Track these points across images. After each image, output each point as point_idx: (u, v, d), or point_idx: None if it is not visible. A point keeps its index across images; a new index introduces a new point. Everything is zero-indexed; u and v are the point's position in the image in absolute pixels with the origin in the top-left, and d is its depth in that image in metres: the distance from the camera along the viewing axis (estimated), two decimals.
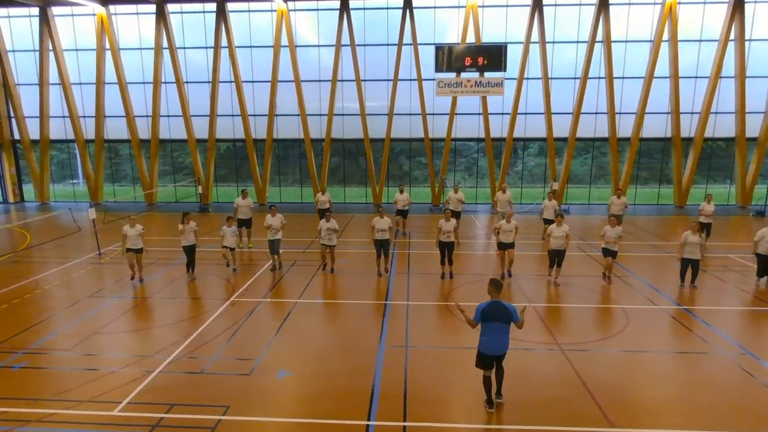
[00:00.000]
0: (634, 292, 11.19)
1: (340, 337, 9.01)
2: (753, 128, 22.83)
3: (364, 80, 23.27)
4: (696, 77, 22.64)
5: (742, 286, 11.66)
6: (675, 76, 22.18)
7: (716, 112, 22.84)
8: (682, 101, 22.59)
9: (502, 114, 23.43)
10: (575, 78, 22.77)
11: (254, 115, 24.07)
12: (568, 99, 23.13)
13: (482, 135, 23.62)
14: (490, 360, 6.40)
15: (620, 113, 23.04)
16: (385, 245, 12.33)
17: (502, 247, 11.99)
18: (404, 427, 6.16)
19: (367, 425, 6.19)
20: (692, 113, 22.93)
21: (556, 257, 11.50)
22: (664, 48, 22.12)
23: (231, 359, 7.99)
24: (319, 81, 23.53)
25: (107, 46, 23.42)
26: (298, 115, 23.70)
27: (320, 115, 23.85)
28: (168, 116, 24.37)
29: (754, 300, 10.74)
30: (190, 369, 7.64)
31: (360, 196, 25.71)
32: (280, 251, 13.23)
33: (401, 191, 16.77)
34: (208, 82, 23.60)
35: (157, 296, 11.15)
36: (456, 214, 16.49)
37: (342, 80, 23.42)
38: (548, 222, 16.06)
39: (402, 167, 26.91)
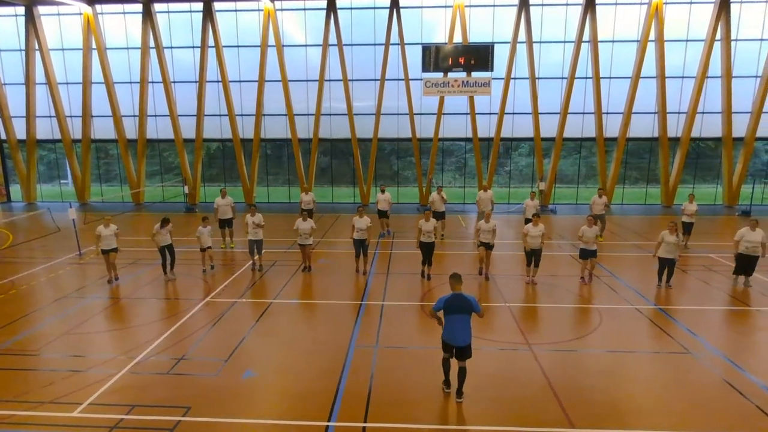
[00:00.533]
0: (611, 292, 11.19)
1: (311, 337, 8.98)
2: (740, 128, 22.88)
3: (352, 80, 23.23)
4: (683, 77, 22.67)
5: (720, 285, 11.67)
6: (661, 76, 22.21)
7: (703, 112, 22.89)
8: (669, 101, 22.62)
9: (490, 114, 23.43)
10: (562, 78, 22.78)
11: (242, 115, 24.01)
12: (555, 99, 23.14)
13: (470, 135, 23.61)
14: (450, 348, 6.68)
15: (607, 113, 23.07)
16: (364, 245, 12.30)
17: (482, 246, 11.96)
18: (363, 427, 6.14)
19: (327, 426, 6.16)
20: (679, 113, 22.97)
21: (533, 257, 11.48)
22: (651, 48, 22.14)
23: (199, 360, 7.95)
24: (307, 81, 23.49)
25: (94, 45, 23.32)
26: (285, 114, 23.64)
27: (308, 114, 23.81)
28: (155, 116, 24.29)
29: (730, 300, 10.75)
30: (156, 370, 7.60)
31: (349, 196, 25.66)
32: (263, 251, 13.20)
33: (382, 191, 16.72)
34: (195, 81, 23.53)
35: (133, 297, 11.09)
36: (440, 215, 16.50)
37: (329, 80, 23.38)
38: (529, 221, 16.09)
39: (393, 167, 26.90)
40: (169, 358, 7.98)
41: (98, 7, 23.21)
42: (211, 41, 23.03)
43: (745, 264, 11.41)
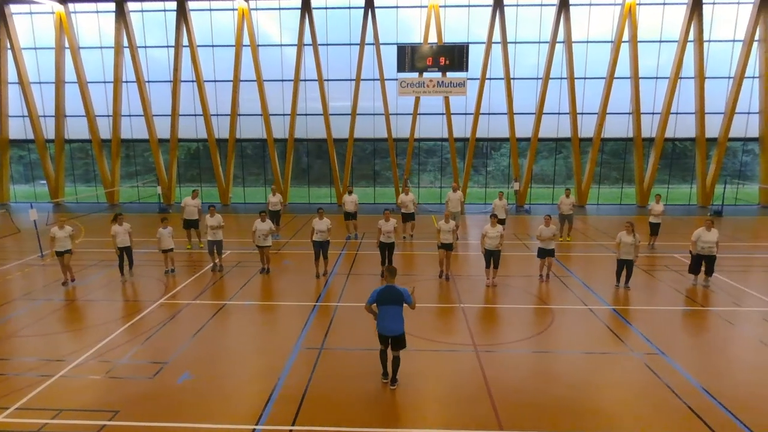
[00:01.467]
0: (568, 293, 11.19)
1: (258, 339, 8.90)
2: (713, 129, 23.06)
3: (327, 80, 23.17)
4: (656, 78, 22.82)
5: (678, 286, 11.70)
6: (635, 77, 22.33)
7: (677, 113, 23.03)
8: (643, 102, 22.75)
9: (465, 114, 23.44)
10: (537, 78, 22.83)
11: (217, 115, 23.86)
12: (531, 99, 23.20)
13: (446, 135, 23.61)
14: (385, 339, 6.94)
15: (582, 113, 23.16)
16: (324, 246, 12.22)
17: (442, 247, 11.91)
18: (290, 430, 6.07)
19: (253, 429, 6.08)
20: (653, 114, 23.10)
21: (491, 258, 11.44)
22: (625, 49, 22.26)
23: (139, 362, 7.84)
24: (282, 81, 23.39)
25: (67, 45, 23.10)
26: (261, 114, 23.53)
27: (284, 115, 23.70)
28: (130, 116, 24.09)
29: (685, 300, 10.77)
30: (92, 373, 7.48)
31: (326, 197, 25.58)
32: (223, 252, 13.10)
33: (349, 192, 16.61)
34: (170, 81, 23.36)
35: (86, 299, 10.94)
36: (409, 215, 16.46)
37: (305, 80, 23.30)
38: (500, 222, 16.08)
39: (375, 167, 26.82)
40: (109, 360, 7.86)
41: (71, 6, 23.01)
42: (185, 41, 22.87)
43: (701, 264, 11.45)
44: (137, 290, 11.52)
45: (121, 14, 22.60)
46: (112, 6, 22.67)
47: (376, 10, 22.38)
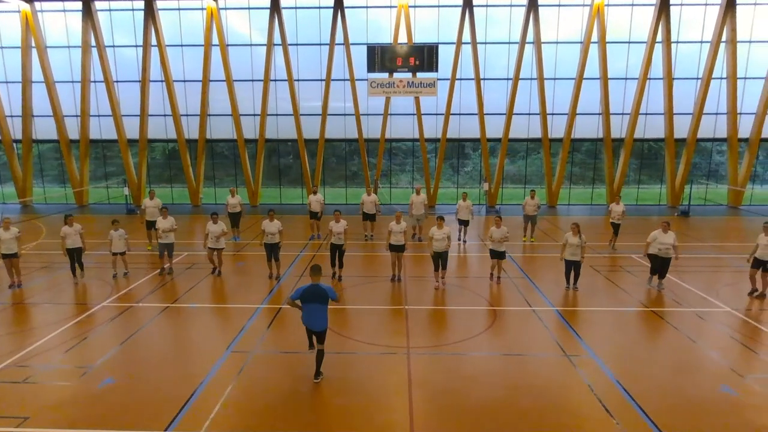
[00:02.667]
0: (516, 294, 11.17)
1: (190, 342, 8.78)
2: (683, 129, 23.21)
3: (297, 80, 23.05)
4: (626, 79, 22.93)
5: (629, 287, 11.71)
6: (604, 78, 22.42)
7: (646, 114, 23.17)
8: (612, 102, 22.85)
9: (436, 114, 23.42)
10: (508, 79, 22.86)
11: (187, 115, 23.66)
12: (502, 100, 23.22)
13: (422, 136, 23.59)
14: (310, 333, 7.24)
15: (552, 114, 23.22)
16: (275, 249, 12.12)
17: (393, 249, 11.85)
18: None
19: None
20: (623, 114, 23.22)
21: (438, 260, 11.39)
22: (594, 49, 22.34)
23: (65, 367, 7.70)
24: (252, 81, 23.23)
25: (33, 44, 22.80)
26: (230, 115, 23.36)
27: (254, 115, 23.54)
28: (98, 116, 23.82)
29: (633, 301, 10.77)
30: (12, 378, 7.32)
31: (297, 197, 25.44)
32: (173, 254, 12.96)
33: (314, 192, 16.53)
34: (139, 81, 23.13)
35: (30, 301, 10.75)
36: (371, 216, 16.41)
37: (275, 80, 23.16)
38: (462, 223, 16.11)
39: (352, 167, 26.71)
40: (33, 365, 7.71)
41: (37, 5, 22.70)
42: (154, 40, 22.65)
43: (658, 265, 11.46)
44: (83, 293, 11.36)
45: (88, 13, 22.34)
46: (79, 5, 22.38)
47: (346, 10, 22.29)
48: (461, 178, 26.94)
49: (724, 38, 22.07)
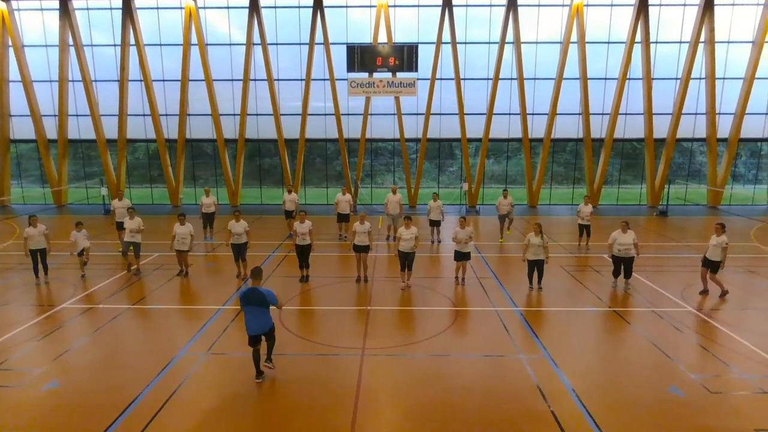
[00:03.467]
0: (481, 295, 11.14)
1: (144, 344, 8.68)
2: (662, 129, 23.30)
3: (277, 80, 22.96)
4: (605, 79, 22.98)
5: (594, 286, 11.72)
6: (584, 78, 22.47)
7: (626, 114, 23.23)
8: (592, 102, 22.91)
9: (417, 114, 23.39)
10: (488, 79, 22.86)
11: (166, 115, 23.51)
12: (483, 100, 23.21)
13: (402, 136, 23.55)
14: (253, 338, 7.06)
15: (533, 114, 23.24)
16: (242, 249, 12.04)
17: (357, 249, 11.80)
18: None
19: None
20: (603, 114, 23.27)
21: (405, 260, 11.36)
22: (574, 49, 22.37)
23: (14, 370, 7.60)
24: (232, 80, 23.11)
25: (9, 42, 22.58)
26: (210, 114, 23.24)
27: (234, 114, 23.43)
28: (77, 116, 23.63)
29: (595, 301, 10.77)
30: None
31: (278, 197, 25.32)
32: (140, 255, 12.85)
33: (289, 192, 16.50)
34: (117, 80, 22.95)
35: None
36: (344, 217, 16.37)
37: (255, 79, 23.06)
38: (434, 223, 16.08)
39: (336, 167, 26.63)
40: None
41: (14, 3, 22.49)
42: (132, 39, 22.49)
43: (620, 266, 11.47)
44: (44, 294, 11.23)
45: (65, 12, 22.15)
46: (56, 3, 22.19)
47: (326, 9, 22.22)
48: (447, 178, 26.94)
49: (702, 38, 22.16)
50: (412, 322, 9.70)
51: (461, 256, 11.53)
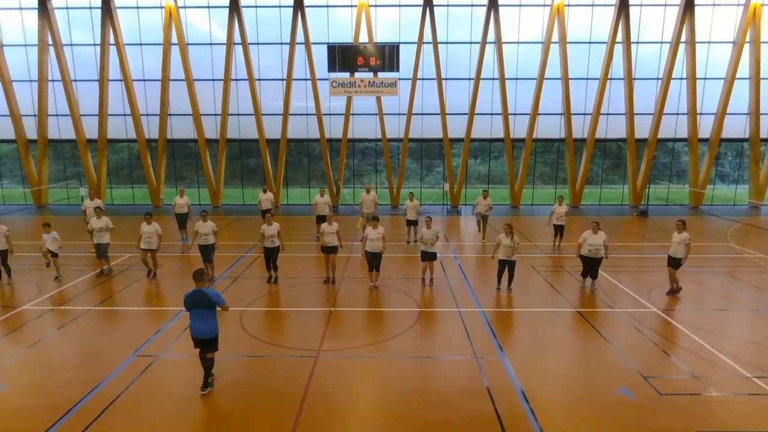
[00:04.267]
0: (448, 295, 11.09)
1: (99, 345, 8.57)
2: (645, 129, 23.33)
3: (258, 79, 22.88)
4: (587, 79, 22.99)
5: (564, 288, 11.68)
6: (565, 78, 22.47)
7: (608, 114, 23.25)
8: (574, 103, 22.92)
9: (399, 114, 23.34)
10: (469, 79, 22.83)
11: (147, 115, 23.39)
12: (465, 100, 23.18)
13: (384, 136, 23.50)
14: (197, 341, 6.85)
15: (515, 114, 23.23)
16: (208, 250, 11.97)
17: (324, 250, 11.76)
18: None
19: None
20: (585, 114, 23.29)
21: (373, 260, 11.32)
22: (555, 49, 22.36)
23: None
24: (213, 80, 23.01)
25: None
26: (191, 114, 23.13)
27: (215, 114, 23.32)
28: (57, 116, 23.47)
29: (562, 302, 10.74)
30: None
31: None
32: (107, 255, 12.74)
33: (264, 191, 16.48)
34: (97, 80, 22.81)
35: None
36: (324, 218, 16.27)
37: (236, 79, 22.96)
38: (411, 223, 16.06)
39: (323, 167, 26.51)
40: None
41: None
42: (112, 39, 22.35)
43: (589, 266, 11.47)
44: (7, 296, 11.11)
45: (44, 11, 21.99)
46: (35, 2, 22.02)
47: (307, 9, 22.15)
48: (434, 178, 26.91)
49: (683, 39, 22.20)
50: (373, 324, 9.63)
51: (427, 256, 11.50)
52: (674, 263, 10.94)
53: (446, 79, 22.75)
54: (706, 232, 18.64)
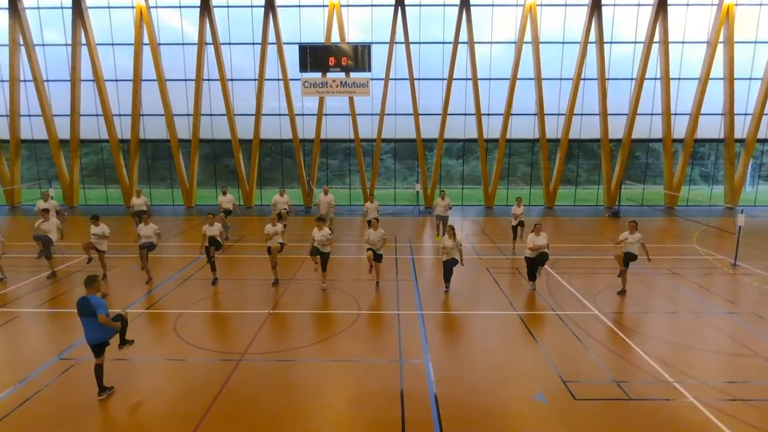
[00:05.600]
0: (392, 297, 11.00)
1: (22, 349, 8.50)
2: (618, 130, 23.26)
3: (231, 80, 22.80)
4: (561, 79, 22.90)
5: (512, 290, 11.60)
6: (538, 78, 22.39)
7: (582, 114, 23.16)
8: (548, 103, 22.84)
9: (372, 115, 23.26)
10: (442, 79, 22.75)
11: (119, 115, 23.30)
12: (438, 100, 23.09)
13: (357, 136, 23.42)
14: (91, 348, 6.77)
15: (488, 114, 23.16)
16: (149, 250, 11.85)
17: (269, 251, 11.69)
18: None
19: None
20: (559, 114, 23.20)
21: (321, 261, 11.26)
22: (529, 50, 22.28)
23: None
24: (185, 80, 22.92)
25: None
26: (163, 115, 23.04)
27: (188, 115, 23.23)
28: (29, 116, 23.39)
29: (503, 304, 10.62)
30: None
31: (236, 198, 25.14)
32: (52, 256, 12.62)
33: (224, 193, 16.45)
34: (69, 80, 22.73)
35: None
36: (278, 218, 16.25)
37: (208, 79, 22.88)
38: (370, 224, 15.97)
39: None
40: None
41: None
42: (84, 39, 22.26)
43: (531, 267, 11.41)
44: None
45: (15, 11, 21.90)
46: (5, 2, 21.93)
47: (279, 9, 22.07)
48: (416, 179, 26.80)
49: (656, 39, 22.12)
50: (308, 327, 9.53)
51: (374, 258, 11.42)
52: (629, 259, 10.94)
53: (419, 79, 22.67)
54: (673, 234, 18.56)
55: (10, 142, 23.37)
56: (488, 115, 23.15)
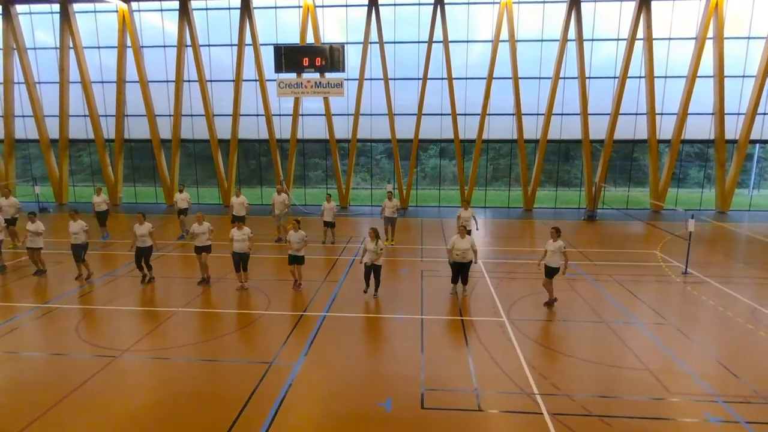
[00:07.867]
0: (306, 299, 11.00)
1: None
2: (599, 130, 22.55)
3: (210, 81, 23.20)
4: (539, 78, 22.35)
5: (432, 293, 11.42)
6: (515, 77, 21.92)
7: (562, 114, 22.56)
8: (526, 103, 22.34)
9: (348, 115, 23.26)
10: (418, 79, 22.55)
11: (105, 116, 24.05)
12: (414, 100, 22.88)
13: (332, 136, 23.48)
14: None
15: (465, 114, 22.82)
16: (79, 249, 12.07)
17: (196, 251, 11.86)
18: None
19: None
20: (538, 115, 22.66)
21: (240, 261, 11.37)
22: (505, 48, 21.82)
23: None
24: (167, 81, 23.44)
25: None
26: (145, 115, 23.65)
27: (169, 115, 23.77)
28: (23, 116, 24.40)
29: (413, 309, 10.46)
30: None
31: (214, 197, 25.54)
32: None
33: (180, 191, 16.85)
34: (58, 82, 23.59)
35: None
36: (240, 219, 16.39)
37: (189, 80, 23.35)
38: (327, 224, 16.04)
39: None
40: None
41: None
42: (71, 42, 23.07)
43: (457, 271, 11.21)
44: None
45: (7, 16, 22.87)
46: None
47: (255, 10, 22.32)
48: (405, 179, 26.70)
49: (639, 35, 21.32)
50: (205, 325, 9.63)
51: (294, 260, 11.45)
52: (549, 273, 10.55)
53: (393, 79, 22.53)
54: (640, 240, 17.85)
55: (5, 142, 24.43)
56: (465, 115, 22.80)
